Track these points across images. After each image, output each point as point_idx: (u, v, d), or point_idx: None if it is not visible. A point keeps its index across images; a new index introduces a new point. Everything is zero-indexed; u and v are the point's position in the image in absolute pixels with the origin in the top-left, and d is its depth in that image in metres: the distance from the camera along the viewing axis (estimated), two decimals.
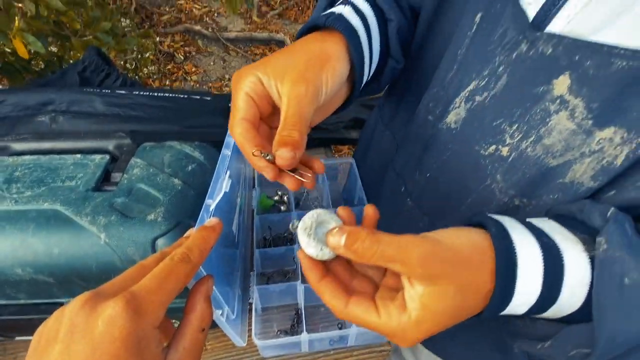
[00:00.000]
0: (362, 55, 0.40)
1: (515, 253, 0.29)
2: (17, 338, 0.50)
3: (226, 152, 0.42)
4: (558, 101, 0.33)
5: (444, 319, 0.29)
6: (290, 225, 0.33)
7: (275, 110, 0.36)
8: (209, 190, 0.37)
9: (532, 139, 0.36)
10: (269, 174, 0.34)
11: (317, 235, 0.31)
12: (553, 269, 0.29)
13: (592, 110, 0.31)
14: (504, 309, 0.30)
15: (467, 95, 0.41)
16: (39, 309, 0.41)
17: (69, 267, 0.38)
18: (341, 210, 0.34)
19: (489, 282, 0.29)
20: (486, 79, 0.39)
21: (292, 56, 0.35)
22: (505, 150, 0.39)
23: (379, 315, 0.29)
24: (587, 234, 0.30)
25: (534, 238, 0.30)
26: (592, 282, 0.29)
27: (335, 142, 0.97)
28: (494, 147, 0.40)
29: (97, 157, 0.46)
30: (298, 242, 0.30)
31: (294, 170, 0.35)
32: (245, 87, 0.34)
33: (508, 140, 0.38)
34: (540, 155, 0.36)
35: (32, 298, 0.41)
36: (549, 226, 0.32)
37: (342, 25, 0.38)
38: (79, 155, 0.46)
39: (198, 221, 0.33)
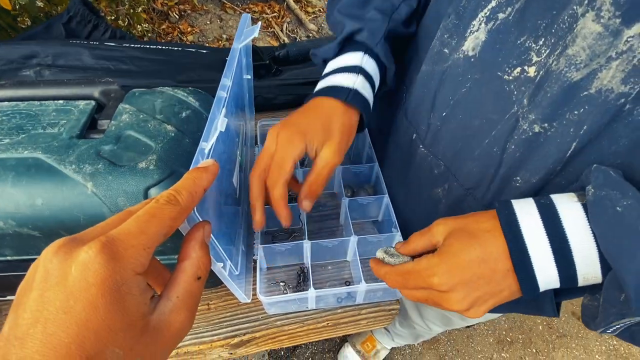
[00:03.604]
0: (370, 115, 0.50)
1: (511, 204, 0.34)
2: (9, 297, 0.48)
3: (222, 93, 0.38)
4: (586, 2, 0.29)
5: (460, 249, 0.33)
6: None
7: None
8: (204, 133, 0.33)
9: (558, 51, 0.32)
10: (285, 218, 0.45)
11: (387, 252, 0.40)
12: (550, 217, 0.31)
13: (620, 5, 0.28)
14: (527, 255, 0.31)
15: (487, 14, 0.37)
16: (27, 265, 0.38)
17: (54, 219, 0.35)
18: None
19: (487, 222, 0.34)
20: None
21: (331, 129, 0.44)
22: (532, 71, 0.35)
23: (413, 261, 0.36)
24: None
25: (532, 198, 0.34)
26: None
27: None
28: (519, 69, 0.36)
29: (82, 103, 0.42)
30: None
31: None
32: (294, 154, 0.42)
33: (535, 59, 0.34)
34: (562, 70, 0.32)
35: (19, 254, 0.39)
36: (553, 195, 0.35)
37: (360, 104, 0.47)
38: (61, 102, 0.42)
39: (192, 164, 0.29)
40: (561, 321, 1.47)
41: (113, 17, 1.39)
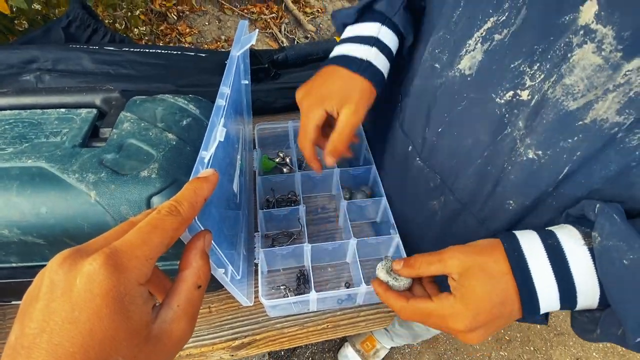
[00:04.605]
0: (385, 85, 0.51)
1: (519, 244, 0.35)
2: (14, 302, 0.49)
3: (220, 102, 0.39)
4: (582, 32, 0.29)
5: (483, 295, 0.34)
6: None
7: (327, 121, 0.50)
8: (203, 142, 0.34)
9: (553, 78, 0.32)
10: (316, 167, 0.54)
11: (390, 275, 0.42)
12: (559, 262, 0.33)
13: (623, 40, 0.28)
14: (535, 296, 0.34)
15: (483, 35, 0.37)
16: (32, 271, 0.39)
17: (58, 227, 0.35)
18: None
19: (502, 262, 0.35)
20: (506, 14, 0.34)
21: (349, 92, 0.47)
22: (525, 94, 0.35)
23: (433, 301, 0.37)
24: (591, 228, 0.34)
25: (537, 235, 0.35)
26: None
27: None
28: (511, 92, 0.36)
29: (84, 112, 0.42)
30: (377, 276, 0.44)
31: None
32: (316, 119, 0.48)
33: (528, 83, 0.34)
34: (559, 98, 0.32)
35: (24, 261, 0.39)
36: (558, 227, 0.36)
37: (372, 76, 0.48)
38: (63, 110, 0.42)
39: (192, 174, 0.30)
40: (559, 319, 1.48)
41: (110, 21, 1.39)
